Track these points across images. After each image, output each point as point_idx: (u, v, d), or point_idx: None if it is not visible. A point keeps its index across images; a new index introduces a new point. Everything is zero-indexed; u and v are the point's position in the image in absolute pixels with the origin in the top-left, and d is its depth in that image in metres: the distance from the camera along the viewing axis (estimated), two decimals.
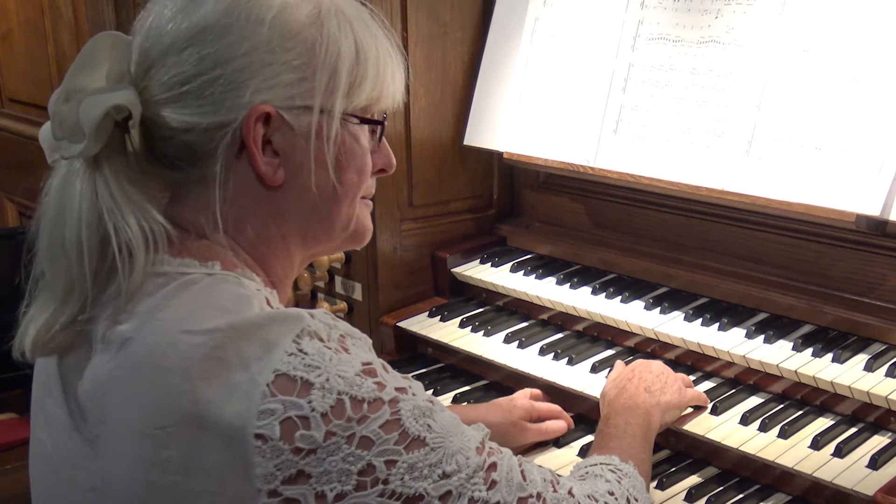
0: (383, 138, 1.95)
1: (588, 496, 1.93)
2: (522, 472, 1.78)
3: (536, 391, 2.88)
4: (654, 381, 2.53)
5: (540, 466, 1.88)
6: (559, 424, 2.75)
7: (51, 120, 1.72)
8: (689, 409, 2.62)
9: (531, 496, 1.77)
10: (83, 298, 1.69)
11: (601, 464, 2.15)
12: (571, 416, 2.84)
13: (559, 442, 2.73)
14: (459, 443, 1.68)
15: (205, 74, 1.70)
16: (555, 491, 1.83)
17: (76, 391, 1.69)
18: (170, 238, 1.72)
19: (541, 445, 2.74)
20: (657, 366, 2.60)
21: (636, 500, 2.06)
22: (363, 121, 1.85)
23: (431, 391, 3.06)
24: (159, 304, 1.65)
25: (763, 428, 2.51)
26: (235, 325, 1.59)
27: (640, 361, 2.64)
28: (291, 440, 1.53)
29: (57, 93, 1.72)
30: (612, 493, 2.01)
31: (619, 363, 2.73)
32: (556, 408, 2.82)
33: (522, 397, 2.81)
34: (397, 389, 1.63)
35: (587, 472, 2.12)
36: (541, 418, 2.78)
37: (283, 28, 1.74)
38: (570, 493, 1.87)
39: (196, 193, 1.77)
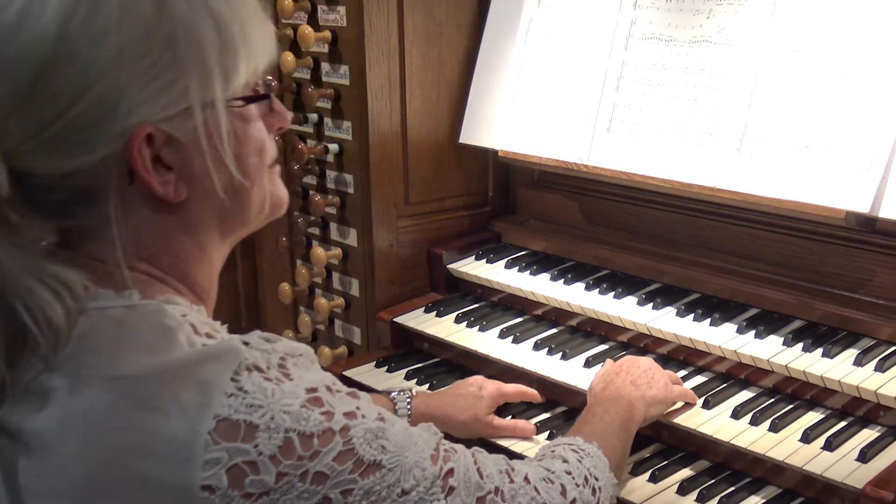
0: (271, 95, 1.75)
1: (544, 479, 1.92)
2: (479, 469, 1.75)
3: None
4: (641, 375, 2.53)
5: (495, 456, 1.86)
6: (528, 426, 2.75)
7: None
8: (680, 404, 2.61)
9: (490, 492, 1.75)
10: (1, 376, 1.52)
11: (564, 444, 2.15)
12: (564, 410, 2.86)
13: (553, 434, 2.72)
14: (414, 457, 1.62)
15: (65, 115, 1.48)
16: (511, 481, 1.82)
17: (13, 441, 1.53)
18: (83, 281, 1.55)
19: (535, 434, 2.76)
20: (645, 361, 2.61)
21: (596, 479, 2.05)
22: (249, 100, 1.66)
23: (427, 386, 3.06)
24: (80, 347, 1.51)
25: (754, 422, 2.51)
26: (166, 369, 1.47)
27: (628, 357, 2.65)
28: (241, 486, 1.44)
29: None
30: (569, 473, 2.00)
31: (608, 361, 2.73)
32: (526, 390, 2.85)
33: (497, 383, 2.83)
34: (346, 415, 1.55)
35: (546, 454, 2.11)
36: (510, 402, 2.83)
37: (132, 31, 1.49)
38: (525, 479, 1.86)
39: (99, 230, 1.58)
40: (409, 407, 2.67)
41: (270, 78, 1.69)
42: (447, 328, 3.23)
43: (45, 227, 1.62)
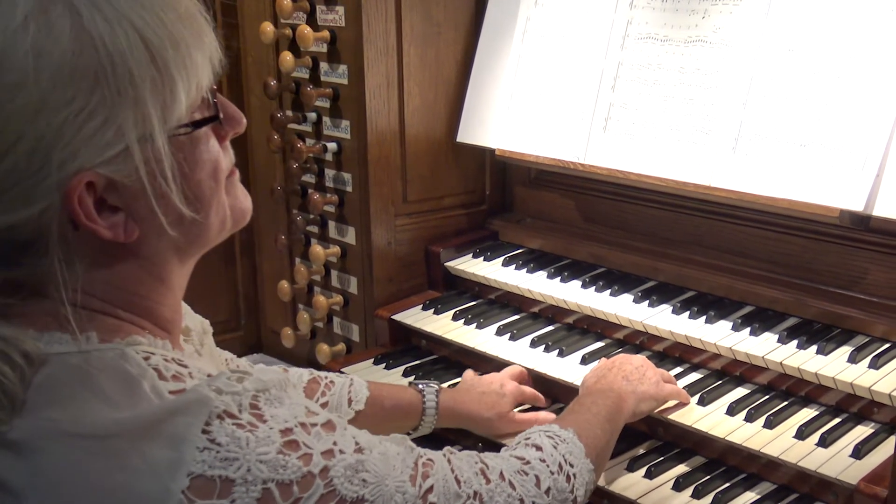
0: (219, 103, 1.61)
1: (518, 471, 1.92)
2: (456, 477, 1.75)
3: (521, 370, 2.89)
4: (633, 371, 2.53)
5: (468, 454, 1.86)
6: (550, 416, 2.73)
7: None
8: (674, 402, 2.60)
9: (468, 497, 1.76)
10: None
11: (539, 431, 2.14)
12: (561, 407, 2.83)
13: None
14: (394, 483, 1.60)
15: None
16: (487, 481, 1.82)
17: None
18: (31, 322, 1.48)
19: None
20: (638, 359, 2.61)
21: (571, 465, 2.04)
22: (195, 125, 1.54)
23: (427, 382, 3.04)
24: (39, 397, 1.43)
25: (749, 418, 2.50)
26: (133, 425, 1.40)
27: (622, 355, 2.66)
28: None
29: None
30: (543, 461, 2.00)
31: (602, 359, 2.73)
32: (536, 394, 2.84)
33: (509, 378, 2.81)
34: (324, 455, 1.50)
35: (521, 442, 2.10)
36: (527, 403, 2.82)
37: (52, 75, 1.37)
38: (500, 475, 1.86)
39: (50, 277, 1.47)
40: (436, 401, 2.65)
41: (215, 88, 1.60)
42: (445, 325, 3.23)
43: None
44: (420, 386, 2.70)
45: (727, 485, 2.44)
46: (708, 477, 2.47)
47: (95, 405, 1.42)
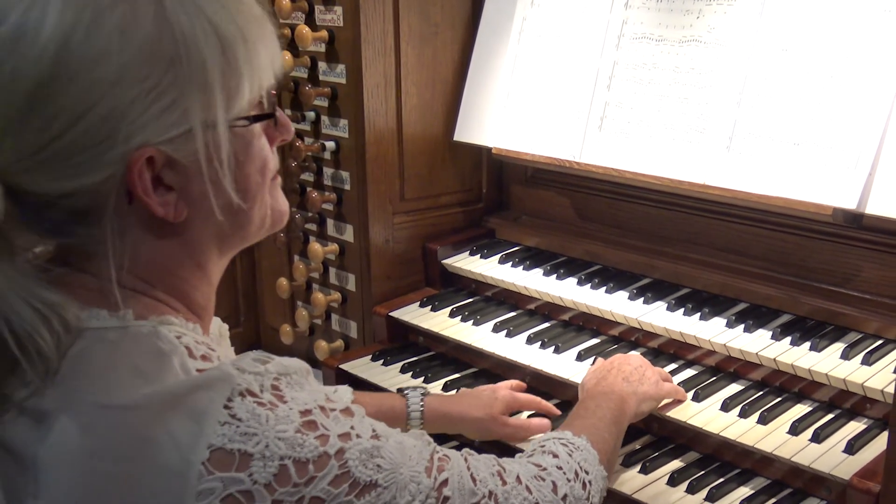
0: (277, 113, 1.70)
1: (535, 476, 1.91)
2: (472, 475, 1.74)
3: (519, 383, 2.88)
4: (632, 372, 2.52)
5: (486, 457, 1.85)
6: (543, 423, 2.70)
7: None
8: (669, 401, 2.60)
9: (484, 496, 1.74)
10: None
11: (554, 439, 2.13)
12: (557, 403, 2.83)
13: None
14: (409, 472, 1.60)
15: (64, 135, 1.43)
16: (504, 483, 1.81)
17: (6, 461, 1.49)
18: (74, 294, 1.51)
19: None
20: (636, 359, 2.60)
21: (586, 472, 2.04)
22: (253, 120, 1.61)
23: (422, 378, 3.05)
24: (73, 370, 1.47)
25: (743, 414, 2.51)
26: (159, 398, 1.42)
27: (620, 355, 2.64)
28: None
29: None
30: (560, 468, 1.99)
31: (599, 359, 2.72)
32: (536, 399, 2.80)
33: (505, 388, 2.79)
34: (341, 437, 1.52)
35: (536, 450, 2.10)
36: (521, 410, 2.78)
37: (133, 53, 1.43)
38: (517, 479, 1.85)
39: (93, 249, 1.53)
40: (421, 405, 2.62)
41: (274, 93, 1.69)
42: (442, 322, 3.22)
43: (41, 244, 1.58)
44: (406, 391, 2.67)
45: (721, 480, 2.44)
46: (702, 472, 2.48)
47: (126, 378, 1.45)
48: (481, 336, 3.10)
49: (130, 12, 1.44)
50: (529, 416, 2.75)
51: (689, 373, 2.75)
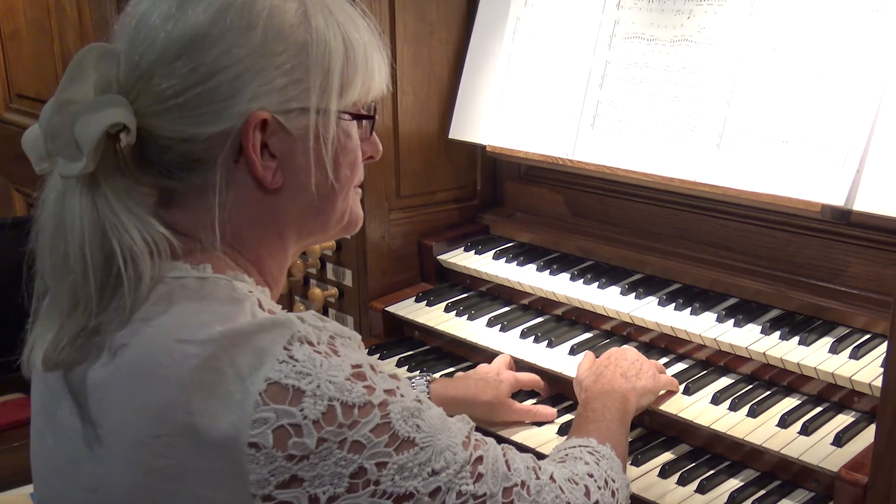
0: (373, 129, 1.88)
1: (568, 479, 1.91)
2: (507, 461, 1.75)
3: (507, 357, 2.89)
4: (629, 367, 2.51)
5: (522, 454, 1.84)
6: (549, 410, 2.72)
7: (43, 134, 1.62)
8: (662, 392, 2.59)
9: (516, 485, 1.74)
10: (88, 313, 1.60)
11: (580, 446, 2.13)
12: (551, 396, 2.84)
13: (539, 421, 2.71)
14: (447, 440, 1.64)
15: (200, 85, 1.60)
16: (537, 478, 1.81)
17: (82, 396, 1.62)
18: (171, 245, 1.64)
19: (521, 422, 2.73)
20: (632, 353, 2.59)
21: (613, 480, 2.03)
22: (355, 116, 1.78)
23: (418, 372, 3.03)
24: (152, 310, 1.59)
25: (733, 407, 2.50)
26: (228, 335, 1.53)
27: (614, 350, 2.62)
28: (284, 447, 1.48)
29: (49, 106, 1.62)
30: (591, 475, 1.98)
31: (588, 353, 2.72)
32: (536, 378, 2.83)
33: (503, 366, 2.81)
34: (386, 392, 1.58)
35: (566, 455, 2.10)
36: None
37: (274, 31, 1.63)
38: (551, 478, 1.85)
39: (194, 199, 1.69)
40: (427, 390, 2.64)
41: (375, 106, 1.87)
42: (437, 317, 3.21)
43: (149, 182, 1.69)
44: (412, 379, 2.69)
45: (712, 472, 2.43)
46: (693, 464, 2.47)
47: (201, 318, 1.56)
48: (476, 330, 3.09)
49: (280, 3, 1.66)
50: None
51: (679, 367, 2.74)
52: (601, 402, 2.36)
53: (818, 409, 2.46)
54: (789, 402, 2.51)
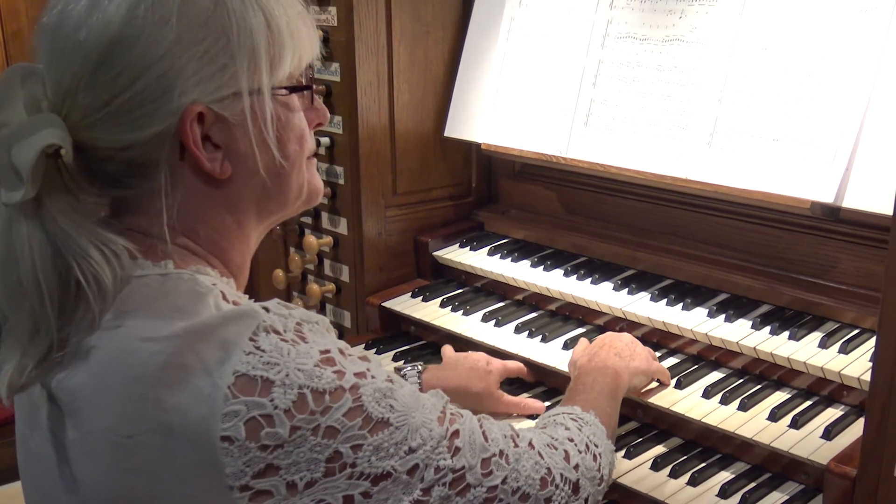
0: (314, 93, 1.83)
1: (548, 445, 1.90)
2: (484, 432, 1.74)
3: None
4: (623, 348, 2.51)
5: (500, 422, 1.84)
6: (537, 404, 2.72)
7: None
8: (654, 384, 2.59)
9: (494, 455, 1.73)
10: (51, 334, 1.56)
11: (563, 413, 2.13)
12: (545, 390, 2.85)
13: (533, 414, 2.70)
14: (421, 417, 1.62)
15: (126, 90, 1.55)
16: (516, 446, 1.80)
17: (55, 401, 1.60)
18: (128, 250, 1.60)
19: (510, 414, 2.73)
20: (627, 337, 2.58)
21: (596, 445, 2.02)
22: (292, 90, 1.72)
23: (403, 362, 3.04)
24: (116, 311, 1.56)
25: (724, 401, 2.49)
26: (192, 330, 1.51)
27: (610, 333, 2.62)
28: (257, 438, 1.47)
29: None
30: (571, 440, 1.98)
31: (582, 339, 2.71)
32: (520, 364, 2.83)
33: (494, 359, 2.80)
34: (356, 375, 1.56)
35: (549, 422, 2.09)
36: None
37: (189, 21, 1.57)
38: (530, 444, 1.84)
39: (146, 204, 1.65)
40: (419, 380, 2.64)
41: (312, 69, 1.82)
42: (433, 312, 3.21)
43: (96, 193, 1.66)
44: (402, 369, 2.68)
45: (703, 464, 2.43)
46: (685, 457, 2.46)
47: (165, 315, 1.54)
48: (471, 325, 3.08)
49: None
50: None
51: (671, 361, 2.73)
52: (592, 377, 2.36)
53: (808, 403, 2.46)
54: (779, 396, 2.51)
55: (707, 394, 2.54)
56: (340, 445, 1.52)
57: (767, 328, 2.61)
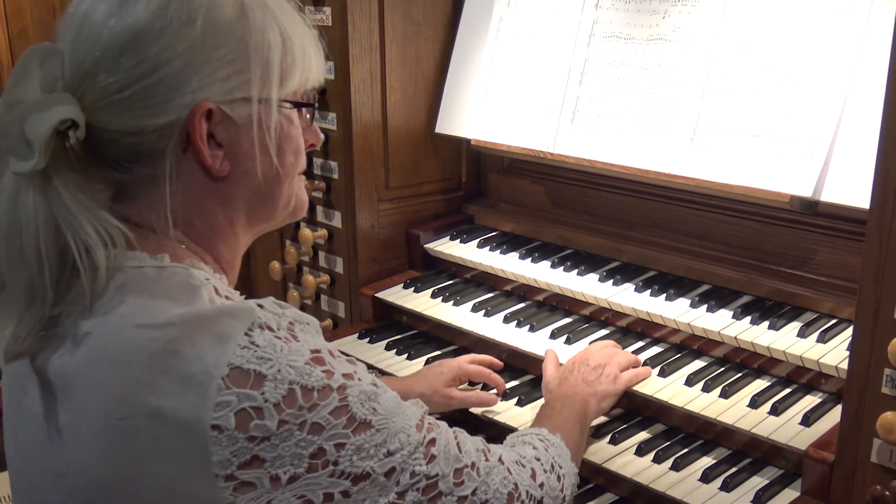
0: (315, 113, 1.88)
1: (516, 462, 1.91)
2: (458, 444, 1.75)
3: (475, 356, 2.84)
4: (590, 372, 2.50)
5: (473, 437, 1.84)
6: (489, 396, 2.70)
7: None
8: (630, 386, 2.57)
9: (466, 466, 1.74)
10: (46, 305, 1.58)
11: (531, 433, 2.14)
12: (531, 378, 2.84)
13: (521, 401, 2.70)
14: (401, 422, 1.63)
15: (144, 79, 1.58)
16: (487, 460, 1.81)
17: (47, 384, 1.60)
18: (125, 237, 1.61)
19: (504, 401, 2.72)
20: (596, 357, 2.56)
21: (560, 466, 2.04)
22: (296, 105, 1.76)
23: (405, 356, 3.03)
24: (114, 298, 1.57)
25: (706, 389, 2.49)
26: (188, 318, 1.52)
27: (581, 353, 2.60)
28: (246, 429, 1.47)
29: None
30: (538, 459, 1.99)
31: (549, 352, 2.68)
32: (485, 372, 2.76)
33: (464, 361, 2.77)
34: (344, 376, 1.57)
35: (517, 441, 2.11)
36: (473, 382, 2.79)
37: (214, 25, 1.61)
38: (500, 460, 1.85)
39: (145, 191, 1.66)
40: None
41: (316, 93, 1.86)
42: (424, 303, 3.20)
43: (99, 176, 1.65)
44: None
45: (686, 450, 2.42)
46: (668, 443, 2.46)
47: (160, 303, 1.55)
48: (461, 315, 3.07)
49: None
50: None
51: (655, 350, 2.73)
52: (561, 404, 2.36)
53: (787, 391, 2.45)
54: (759, 384, 2.50)
55: (690, 382, 2.53)
56: (324, 442, 1.52)
57: (748, 318, 2.60)
